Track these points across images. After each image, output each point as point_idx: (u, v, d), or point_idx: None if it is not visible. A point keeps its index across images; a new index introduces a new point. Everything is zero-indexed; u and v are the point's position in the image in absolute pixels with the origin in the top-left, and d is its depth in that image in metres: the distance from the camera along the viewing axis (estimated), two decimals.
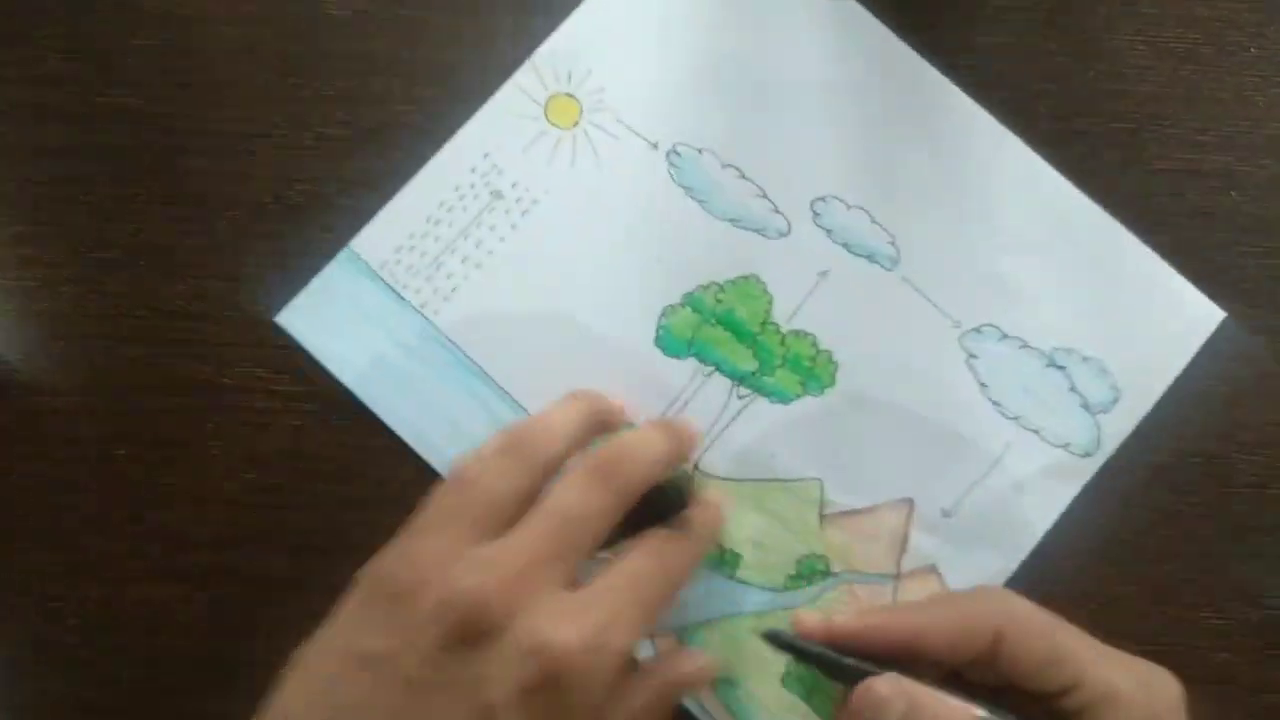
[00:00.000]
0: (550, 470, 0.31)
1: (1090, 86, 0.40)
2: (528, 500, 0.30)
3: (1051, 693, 0.28)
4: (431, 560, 0.28)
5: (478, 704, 0.26)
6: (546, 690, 0.26)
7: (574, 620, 0.27)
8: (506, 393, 0.38)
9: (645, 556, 0.30)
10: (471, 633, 0.27)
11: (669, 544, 0.30)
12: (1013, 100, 0.40)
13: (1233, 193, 0.39)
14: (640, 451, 0.31)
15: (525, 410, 0.38)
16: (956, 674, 0.30)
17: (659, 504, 0.32)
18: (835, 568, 0.37)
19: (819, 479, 0.38)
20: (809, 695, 0.36)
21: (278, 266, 0.39)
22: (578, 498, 0.29)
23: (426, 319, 0.38)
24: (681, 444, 0.34)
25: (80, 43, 0.40)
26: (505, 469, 0.30)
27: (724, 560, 0.38)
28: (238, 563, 0.37)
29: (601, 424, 0.34)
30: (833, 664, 0.29)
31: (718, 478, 0.38)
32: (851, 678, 0.28)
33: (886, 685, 0.27)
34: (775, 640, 0.30)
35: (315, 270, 0.39)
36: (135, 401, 0.38)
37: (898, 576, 0.37)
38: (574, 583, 0.29)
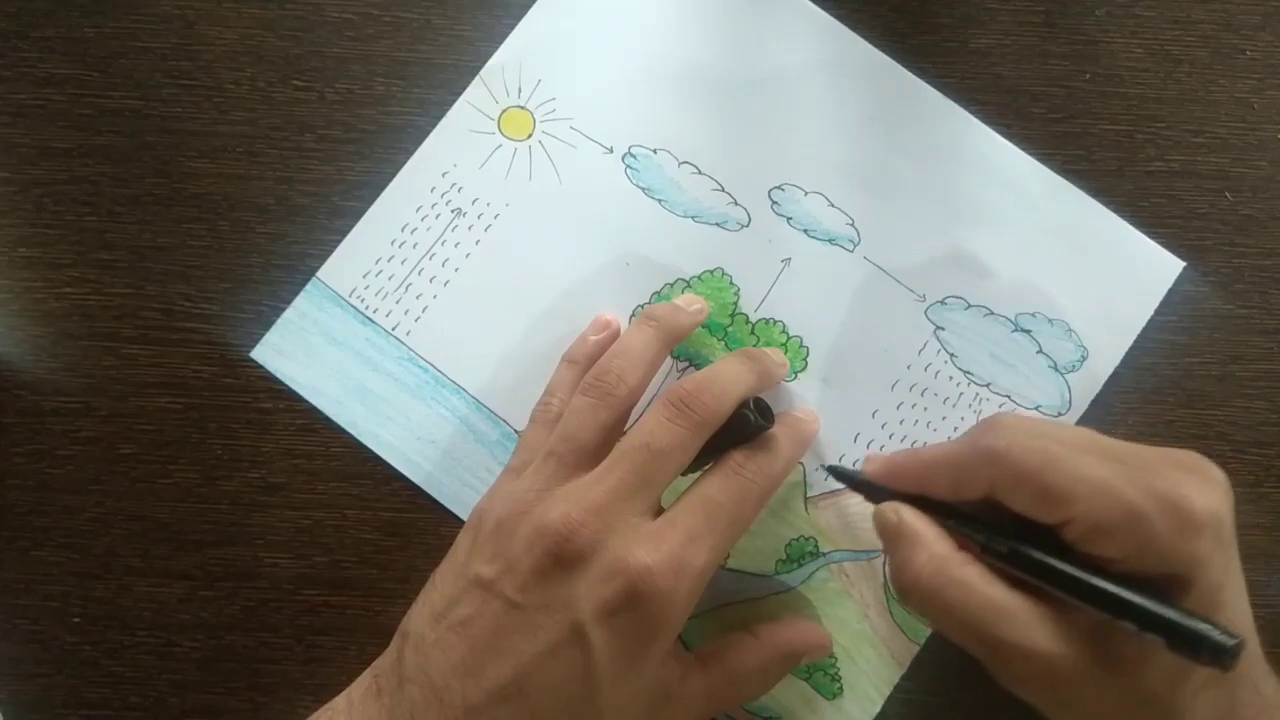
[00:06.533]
0: (634, 398, 0.34)
1: (1086, 89, 0.40)
2: (614, 431, 0.33)
3: (1053, 525, 0.29)
4: (524, 497, 0.32)
5: (568, 621, 0.29)
6: (628, 608, 0.29)
7: (652, 544, 0.30)
8: (484, 405, 0.38)
9: (720, 481, 0.32)
10: (560, 560, 0.30)
11: (746, 465, 0.32)
12: (1009, 102, 0.40)
13: (1228, 194, 0.40)
14: (723, 385, 0.33)
15: (505, 423, 0.38)
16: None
17: (742, 426, 0.33)
18: (824, 548, 0.38)
19: (801, 463, 0.38)
20: (809, 674, 0.37)
21: (280, 266, 0.39)
22: (660, 432, 0.31)
23: (399, 340, 0.39)
24: (766, 374, 0.35)
25: (82, 44, 0.40)
26: (586, 408, 0.33)
27: None
28: (239, 562, 0.38)
29: (677, 338, 0.37)
30: (873, 493, 0.34)
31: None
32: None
33: (888, 508, 0.32)
34: (835, 472, 0.35)
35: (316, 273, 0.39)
36: (137, 401, 0.38)
37: (884, 551, 0.37)
38: (656, 511, 0.32)
